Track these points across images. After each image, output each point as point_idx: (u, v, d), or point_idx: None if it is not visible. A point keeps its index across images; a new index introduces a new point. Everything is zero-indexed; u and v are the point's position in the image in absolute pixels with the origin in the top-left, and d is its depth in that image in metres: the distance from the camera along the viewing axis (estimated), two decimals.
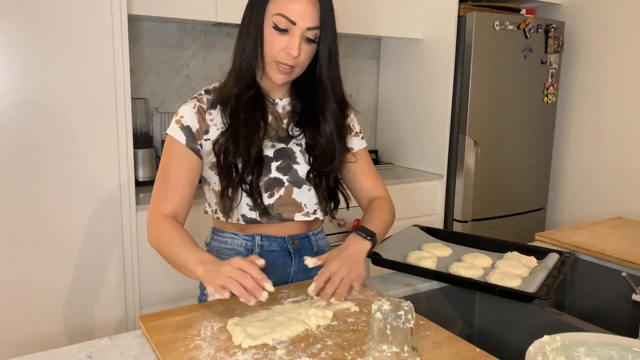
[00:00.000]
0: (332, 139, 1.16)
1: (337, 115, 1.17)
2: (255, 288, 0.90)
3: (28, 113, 1.73)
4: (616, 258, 1.41)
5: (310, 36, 1.06)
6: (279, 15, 1.04)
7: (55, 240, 1.82)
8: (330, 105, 1.15)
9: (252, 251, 1.18)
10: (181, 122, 1.12)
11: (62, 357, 0.86)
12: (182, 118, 1.12)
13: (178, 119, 1.13)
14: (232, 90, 1.11)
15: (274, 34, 1.06)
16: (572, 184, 3.12)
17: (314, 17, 1.05)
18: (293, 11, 1.03)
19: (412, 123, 3.01)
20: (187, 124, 1.12)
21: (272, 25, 1.05)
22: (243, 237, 1.18)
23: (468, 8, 2.69)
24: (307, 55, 1.09)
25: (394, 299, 0.83)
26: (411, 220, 2.58)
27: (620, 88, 2.85)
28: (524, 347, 0.80)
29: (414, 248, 1.38)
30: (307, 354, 0.86)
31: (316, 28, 1.06)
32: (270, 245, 1.19)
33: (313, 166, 1.17)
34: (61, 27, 1.75)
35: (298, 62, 1.08)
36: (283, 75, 1.09)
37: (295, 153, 1.17)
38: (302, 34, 1.05)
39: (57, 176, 1.80)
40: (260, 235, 1.18)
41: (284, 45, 1.06)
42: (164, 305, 2.03)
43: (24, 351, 1.39)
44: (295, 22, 1.04)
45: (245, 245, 1.18)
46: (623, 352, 0.81)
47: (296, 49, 1.05)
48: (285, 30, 1.05)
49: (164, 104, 2.55)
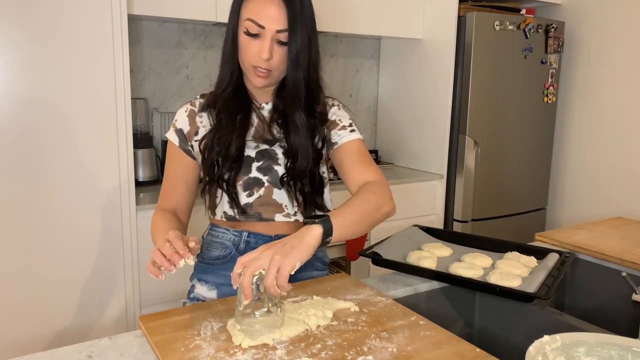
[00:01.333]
0: (300, 141, 1.16)
1: (303, 117, 1.16)
2: (173, 255, 0.94)
3: (28, 113, 1.73)
4: (616, 258, 1.41)
5: (282, 39, 1.08)
6: (249, 20, 1.07)
7: (55, 240, 1.82)
8: (296, 107, 1.15)
9: (237, 246, 1.22)
10: (175, 125, 1.21)
11: (62, 357, 0.86)
12: (176, 122, 1.22)
13: (174, 122, 1.22)
14: (216, 94, 1.19)
15: (247, 39, 1.09)
16: (572, 184, 3.12)
17: (282, 19, 1.06)
18: (261, 15, 1.06)
19: (412, 123, 3.01)
20: (179, 127, 1.21)
21: (244, 30, 1.08)
22: (232, 233, 1.22)
23: (468, 8, 2.69)
24: (281, 58, 1.09)
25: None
26: (411, 220, 2.58)
27: (620, 88, 2.85)
28: (524, 347, 0.80)
29: (414, 248, 1.38)
30: (307, 354, 0.86)
31: (286, 30, 1.07)
32: (257, 242, 1.21)
33: (287, 169, 1.19)
34: (61, 27, 1.75)
35: (272, 65, 1.09)
36: (261, 79, 1.11)
37: (278, 155, 1.19)
38: (272, 37, 1.07)
39: (57, 176, 1.80)
40: (248, 232, 1.21)
41: (256, 50, 1.08)
42: (164, 305, 2.03)
43: (24, 351, 1.40)
44: (264, 25, 1.06)
45: (233, 240, 1.22)
46: (623, 352, 0.81)
47: (266, 52, 1.06)
48: (257, 34, 1.07)
49: (164, 104, 2.55)
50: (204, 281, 1.24)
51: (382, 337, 0.92)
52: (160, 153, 2.48)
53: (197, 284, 1.25)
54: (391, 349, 0.88)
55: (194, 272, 1.28)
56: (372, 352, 0.87)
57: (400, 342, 0.91)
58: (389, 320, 0.99)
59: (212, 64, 2.64)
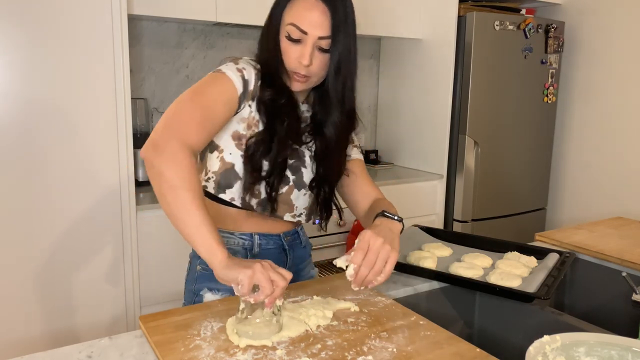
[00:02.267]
0: (333, 149, 1.16)
1: (341, 127, 1.15)
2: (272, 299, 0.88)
3: (28, 113, 1.73)
4: (616, 258, 1.41)
5: (323, 45, 1.06)
6: (292, 25, 1.05)
7: (55, 240, 1.82)
8: (334, 116, 1.14)
9: (251, 250, 1.18)
10: (243, 72, 1.07)
11: (62, 357, 0.86)
12: (244, 70, 1.08)
13: (240, 68, 1.07)
14: (265, 93, 1.09)
15: (288, 44, 1.07)
16: (572, 184, 3.12)
17: (325, 26, 1.05)
18: (305, 21, 1.04)
19: (412, 123, 3.01)
20: (247, 78, 1.07)
21: (285, 35, 1.06)
22: (240, 237, 1.17)
23: (468, 8, 2.69)
24: (320, 64, 1.08)
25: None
26: (411, 220, 2.57)
27: (621, 88, 2.85)
28: (524, 347, 0.80)
29: (414, 248, 1.38)
30: (307, 354, 0.86)
31: (329, 37, 1.06)
32: (268, 243, 1.20)
33: (318, 173, 1.18)
34: (61, 27, 1.75)
35: (311, 71, 1.08)
36: (299, 83, 1.10)
37: (306, 157, 1.18)
38: (314, 44, 1.05)
39: (57, 176, 1.80)
40: (258, 234, 1.18)
41: (297, 55, 1.06)
42: (164, 305, 2.03)
43: (24, 351, 1.40)
44: (307, 31, 1.04)
45: (243, 244, 1.17)
46: (623, 352, 0.81)
47: (307, 58, 1.05)
48: (298, 40, 1.05)
49: (164, 104, 2.55)
50: (216, 290, 1.16)
51: (382, 337, 0.92)
52: None
53: (208, 294, 1.16)
54: (391, 349, 0.88)
55: (199, 280, 1.17)
56: (372, 352, 0.87)
57: (400, 342, 0.91)
58: (389, 320, 0.99)
59: (212, 64, 2.64)
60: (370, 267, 0.95)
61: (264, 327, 0.90)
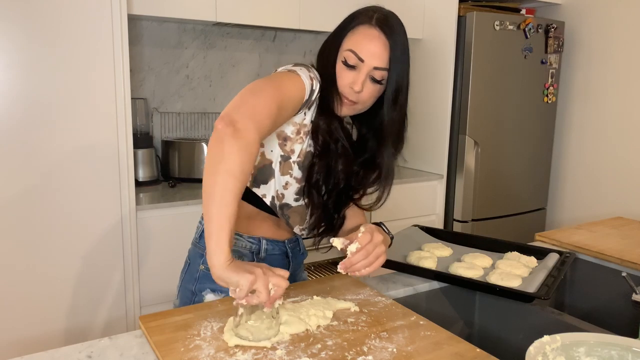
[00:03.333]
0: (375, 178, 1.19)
1: (390, 160, 1.19)
2: (271, 300, 0.88)
3: (28, 113, 1.73)
4: (616, 258, 1.41)
5: (377, 76, 1.08)
6: (350, 51, 1.06)
7: (55, 240, 1.82)
8: (388, 149, 1.17)
9: (257, 254, 1.19)
10: (313, 81, 1.06)
11: (62, 357, 0.86)
12: (314, 79, 1.07)
13: (312, 75, 1.07)
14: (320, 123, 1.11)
15: (342, 68, 1.08)
16: (572, 184, 3.12)
17: (383, 58, 1.07)
18: (364, 49, 1.05)
19: (412, 123, 2.97)
20: (314, 88, 1.07)
21: (342, 59, 1.08)
22: (248, 240, 1.18)
23: (468, 8, 2.69)
24: (370, 94, 1.10)
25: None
26: (411, 220, 2.59)
27: (621, 88, 2.85)
28: (524, 347, 0.80)
29: (414, 248, 1.38)
30: (307, 354, 0.86)
31: (384, 69, 1.08)
32: (274, 249, 1.21)
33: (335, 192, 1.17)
34: (61, 27, 1.75)
35: (360, 98, 1.09)
36: (346, 108, 1.11)
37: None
38: (368, 72, 1.07)
39: (57, 176, 1.80)
40: (266, 239, 1.19)
41: (350, 81, 1.07)
42: (164, 305, 2.03)
43: (24, 351, 1.40)
44: (364, 59, 1.05)
45: (251, 247, 1.18)
46: (623, 352, 0.81)
47: (359, 85, 1.06)
48: (353, 66, 1.07)
49: (164, 104, 2.55)
50: (219, 291, 1.15)
51: (382, 337, 0.92)
52: (160, 153, 2.48)
53: (210, 294, 1.16)
54: (391, 349, 0.88)
55: (200, 281, 1.17)
56: (372, 352, 0.87)
57: (400, 342, 0.91)
58: (389, 320, 0.99)
59: (212, 64, 2.64)
60: (366, 256, 0.99)
61: (264, 329, 0.90)
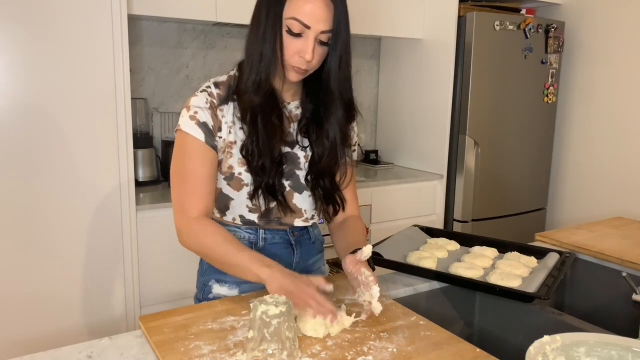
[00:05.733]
0: (335, 143, 1.16)
1: (342, 121, 1.16)
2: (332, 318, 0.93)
3: (28, 113, 1.73)
4: (616, 258, 1.41)
5: (323, 39, 1.06)
6: (293, 19, 1.03)
7: (55, 241, 1.82)
8: (337, 110, 1.14)
9: (255, 244, 1.18)
10: (196, 118, 1.08)
11: (62, 357, 0.86)
12: (196, 114, 1.09)
13: (192, 114, 1.09)
14: (253, 100, 1.09)
15: (287, 38, 1.05)
16: (572, 184, 3.12)
17: (328, 20, 1.04)
18: (307, 15, 1.03)
19: (412, 123, 3.01)
20: (202, 121, 1.08)
21: (285, 29, 1.05)
22: (245, 230, 1.18)
23: (468, 8, 2.69)
24: (319, 57, 1.08)
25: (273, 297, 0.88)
26: (411, 220, 2.58)
27: (620, 88, 2.85)
28: (524, 347, 0.80)
29: (414, 248, 1.38)
30: (307, 354, 0.86)
31: (329, 31, 1.06)
32: (273, 238, 1.19)
33: (311, 169, 1.17)
34: (61, 27, 1.75)
35: (311, 65, 1.08)
36: (297, 74, 1.09)
37: (300, 158, 1.17)
38: (315, 38, 1.05)
39: (57, 176, 1.80)
40: (263, 228, 1.18)
41: (297, 49, 1.05)
42: (164, 305, 2.03)
43: (24, 351, 1.39)
44: (310, 25, 1.03)
45: (249, 238, 1.18)
46: (623, 352, 0.81)
47: (310, 53, 1.04)
48: (299, 34, 1.04)
49: (164, 104, 2.55)
50: (223, 281, 1.18)
51: (382, 337, 0.92)
52: (160, 153, 2.48)
53: (215, 285, 1.19)
54: (391, 349, 0.88)
55: (207, 272, 1.21)
56: (372, 352, 0.87)
57: (400, 342, 0.91)
58: (389, 320, 0.99)
59: (212, 64, 2.64)
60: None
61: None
